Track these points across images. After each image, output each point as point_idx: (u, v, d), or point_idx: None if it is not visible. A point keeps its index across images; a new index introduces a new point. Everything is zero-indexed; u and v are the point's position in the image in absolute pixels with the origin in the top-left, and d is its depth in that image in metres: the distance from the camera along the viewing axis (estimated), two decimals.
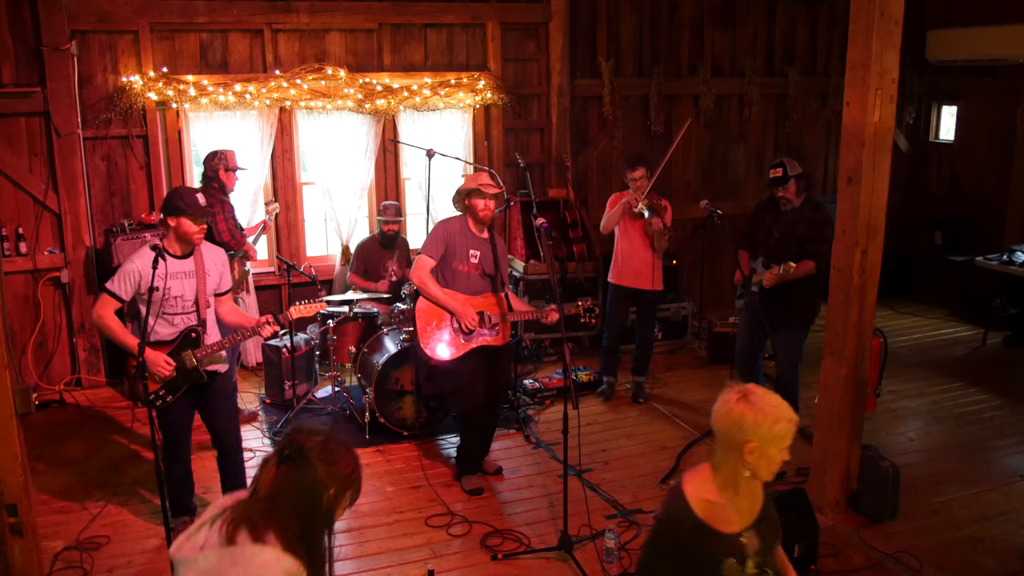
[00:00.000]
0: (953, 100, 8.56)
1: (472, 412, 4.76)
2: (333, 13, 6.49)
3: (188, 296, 3.94)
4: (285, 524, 1.95)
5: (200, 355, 3.95)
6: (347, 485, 2.05)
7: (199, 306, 3.97)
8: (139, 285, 3.85)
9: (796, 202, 5.11)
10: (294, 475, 1.98)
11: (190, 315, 3.96)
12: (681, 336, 7.34)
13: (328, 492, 2.00)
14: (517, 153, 6.47)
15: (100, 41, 6.07)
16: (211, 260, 4.05)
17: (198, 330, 3.96)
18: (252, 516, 1.96)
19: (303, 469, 1.99)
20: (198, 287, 3.96)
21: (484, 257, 4.71)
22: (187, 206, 3.83)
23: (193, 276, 3.95)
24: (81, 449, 5.32)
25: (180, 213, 3.84)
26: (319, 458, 2.00)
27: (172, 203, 3.86)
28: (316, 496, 1.99)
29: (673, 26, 7.67)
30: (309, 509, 1.98)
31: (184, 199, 3.85)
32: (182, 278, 3.92)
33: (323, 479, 1.99)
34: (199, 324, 3.97)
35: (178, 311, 3.93)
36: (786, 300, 5.11)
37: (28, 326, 6.15)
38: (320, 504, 2.00)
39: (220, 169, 5.41)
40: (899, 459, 4.72)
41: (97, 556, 4.09)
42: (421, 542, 4.27)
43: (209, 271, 4.01)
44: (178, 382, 3.94)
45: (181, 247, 3.93)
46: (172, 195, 3.92)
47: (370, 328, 5.95)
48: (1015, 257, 6.99)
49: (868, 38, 3.88)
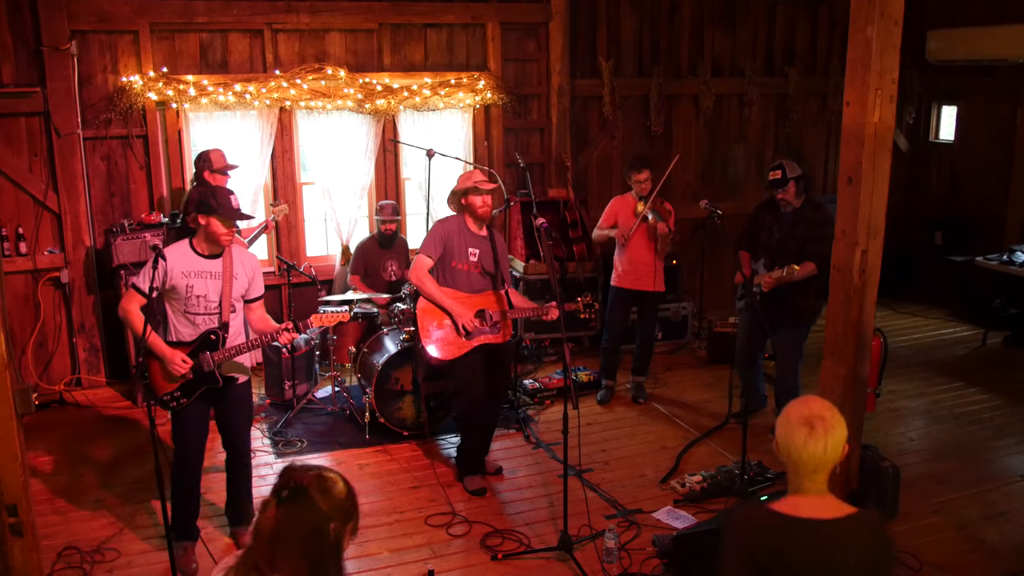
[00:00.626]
0: (953, 100, 8.56)
1: (473, 412, 4.76)
2: (333, 13, 6.49)
3: (212, 297, 3.85)
4: (292, 565, 1.91)
5: (218, 358, 3.87)
6: (348, 516, 2.01)
7: (222, 309, 3.87)
8: (164, 281, 3.79)
9: (795, 204, 5.12)
10: (295, 513, 1.93)
11: (213, 316, 3.87)
12: (681, 336, 7.34)
13: (331, 525, 1.96)
14: (517, 153, 6.48)
15: (100, 41, 6.07)
16: (241, 264, 3.95)
17: (218, 332, 3.87)
18: (258, 563, 1.91)
19: (303, 506, 1.93)
20: (223, 289, 3.86)
21: (484, 255, 4.71)
22: (219, 206, 3.74)
23: (219, 278, 3.86)
24: (81, 449, 5.32)
25: (211, 212, 3.75)
26: (318, 492, 1.95)
27: (205, 201, 3.77)
28: (321, 532, 1.94)
29: (673, 26, 7.67)
30: (315, 546, 1.94)
31: (217, 199, 3.76)
32: (207, 278, 3.84)
33: (325, 513, 1.94)
34: (220, 327, 3.88)
35: (200, 311, 3.84)
36: (787, 300, 5.11)
37: (28, 326, 6.15)
38: (327, 539, 1.95)
39: (205, 171, 5.42)
40: (899, 459, 4.72)
41: (97, 556, 4.09)
42: (421, 542, 4.27)
43: (237, 275, 3.91)
44: (194, 384, 3.86)
45: (209, 247, 3.85)
46: (206, 193, 3.84)
47: (370, 328, 5.96)
48: (1015, 257, 6.99)
49: (868, 38, 3.87)
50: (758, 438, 5.30)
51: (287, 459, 5.14)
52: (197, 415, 3.96)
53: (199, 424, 3.99)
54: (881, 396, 4.68)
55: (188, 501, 4.06)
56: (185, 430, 3.95)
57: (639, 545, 4.21)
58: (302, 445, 5.34)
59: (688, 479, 4.79)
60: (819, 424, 2.09)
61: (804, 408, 2.14)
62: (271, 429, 5.56)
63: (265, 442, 5.42)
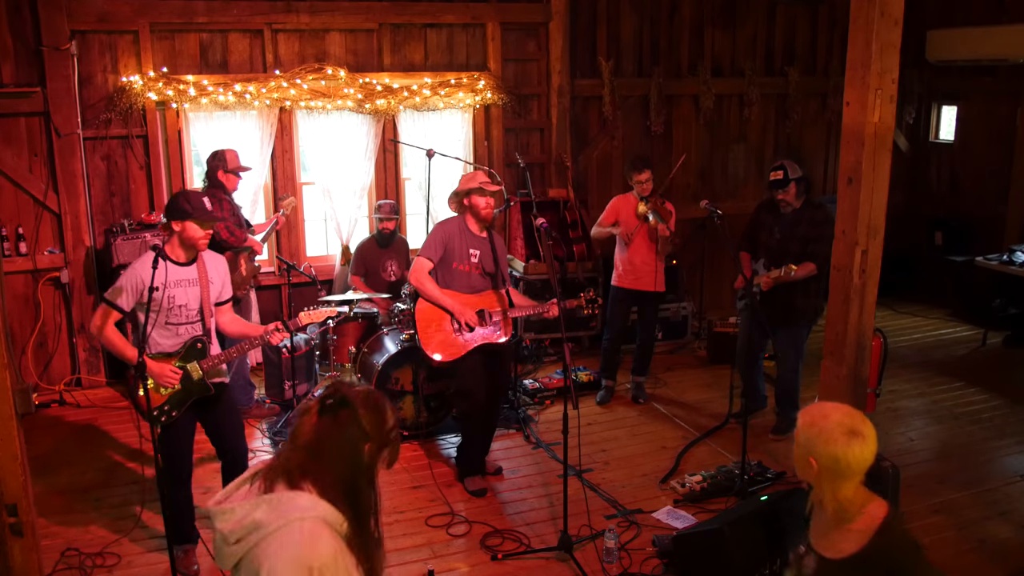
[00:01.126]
0: (953, 100, 8.56)
1: (473, 412, 4.77)
2: (333, 13, 6.49)
3: (192, 305, 3.78)
4: (324, 473, 1.89)
5: (206, 366, 3.79)
6: (387, 441, 1.98)
7: (204, 315, 3.81)
8: (141, 294, 3.67)
9: (796, 204, 5.12)
10: (336, 425, 1.91)
11: (195, 325, 3.80)
12: (681, 336, 7.34)
13: (367, 446, 1.94)
14: (517, 153, 6.48)
15: (100, 41, 6.07)
16: (213, 268, 3.89)
17: (203, 340, 3.81)
18: (290, 466, 1.90)
19: (346, 420, 1.91)
20: (202, 296, 3.80)
21: (484, 256, 4.72)
22: (193, 210, 3.67)
23: (197, 284, 3.80)
24: (81, 449, 5.32)
25: (186, 217, 3.67)
26: (364, 408, 1.93)
27: (177, 206, 3.69)
28: (358, 448, 1.92)
29: (673, 26, 7.67)
30: (350, 460, 1.92)
31: (191, 202, 3.69)
32: (185, 286, 3.77)
33: (366, 431, 1.92)
34: (204, 334, 3.82)
35: (182, 321, 3.77)
36: (789, 300, 5.12)
37: (28, 326, 6.15)
38: (361, 457, 1.93)
39: (219, 170, 5.41)
40: (899, 459, 4.72)
41: (98, 560, 4.09)
42: (421, 542, 4.27)
43: (212, 279, 3.86)
44: (184, 395, 3.77)
45: (186, 253, 3.77)
46: (177, 198, 3.75)
47: (370, 328, 5.95)
48: (1015, 257, 6.98)
49: (868, 38, 3.87)
50: (758, 438, 5.30)
51: None
52: (185, 427, 3.85)
53: (187, 436, 3.89)
54: (881, 396, 4.67)
55: (184, 508, 3.99)
56: (176, 444, 3.82)
57: (639, 545, 4.21)
58: None
59: (688, 479, 4.79)
60: (863, 428, 2.17)
61: (838, 417, 2.18)
62: (271, 429, 5.56)
63: (265, 442, 5.42)
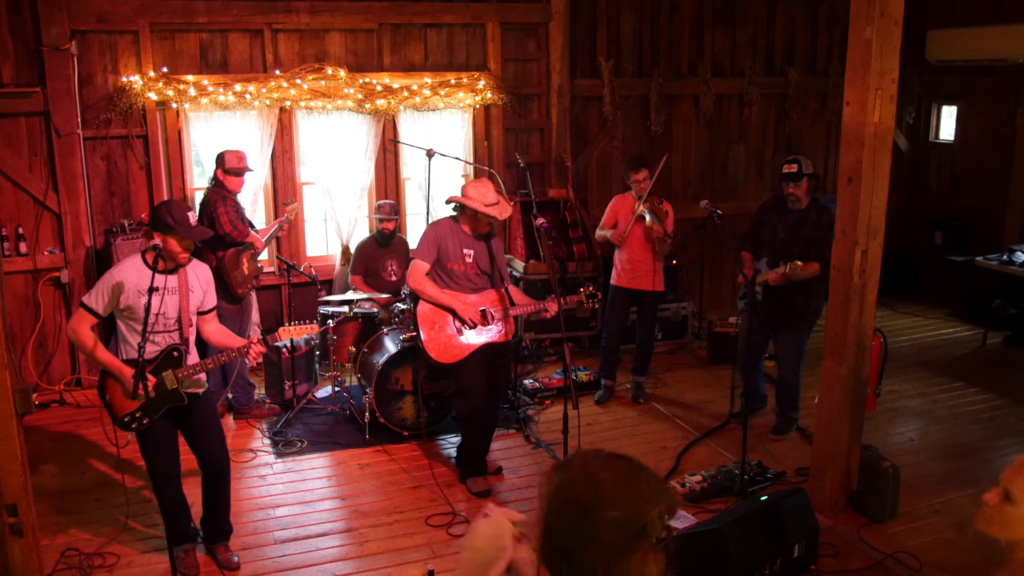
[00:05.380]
0: (953, 100, 8.56)
1: (474, 412, 4.76)
2: (333, 13, 6.49)
3: (171, 313, 3.71)
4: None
5: (181, 375, 3.71)
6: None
7: (182, 324, 3.74)
8: (118, 300, 3.62)
9: (804, 201, 5.12)
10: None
11: (172, 333, 3.73)
12: (681, 336, 7.34)
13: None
14: (517, 153, 6.48)
15: (100, 41, 6.07)
16: (195, 277, 3.82)
17: (180, 349, 3.73)
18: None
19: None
20: (181, 304, 3.73)
21: (479, 255, 4.71)
22: (176, 224, 3.61)
23: (176, 293, 3.72)
24: (81, 449, 5.32)
25: (168, 232, 3.62)
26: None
27: (161, 219, 3.63)
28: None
29: (673, 26, 7.67)
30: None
31: (174, 216, 3.62)
32: (165, 294, 3.67)
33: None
34: (181, 343, 3.75)
35: (160, 329, 3.69)
36: (790, 301, 5.11)
37: (28, 326, 6.15)
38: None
39: (218, 171, 5.40)
40: (899, 459, 4.72)
41: (96, 559, 4.08)
42: (421, 542, 4.27)
43: (193, 288, 3.78)
44: (157, 404, 3.68)
45: (165, 263, 3.70)
46: (160, 210, 3.68)
47: (370, 328, 5.95)
48: (1015, 257, 6.98)
49: (868, 38, 3.88)
50: (758, 438, 5.30)
51: (287, 459, 5.15)
52: (163, 433, 3.78)
53: (167, 441, 3.83)
54: (881, 396, 4.67)
55: (177, 510, 3.95)
56: (154, 447, 3.76)
57: None
58: (302, 445, 5.33)
59: (688, 479, 4.79)
60: None
61: None
62: (271, 429, 5.56)
63: (265, 442, 5.42)
